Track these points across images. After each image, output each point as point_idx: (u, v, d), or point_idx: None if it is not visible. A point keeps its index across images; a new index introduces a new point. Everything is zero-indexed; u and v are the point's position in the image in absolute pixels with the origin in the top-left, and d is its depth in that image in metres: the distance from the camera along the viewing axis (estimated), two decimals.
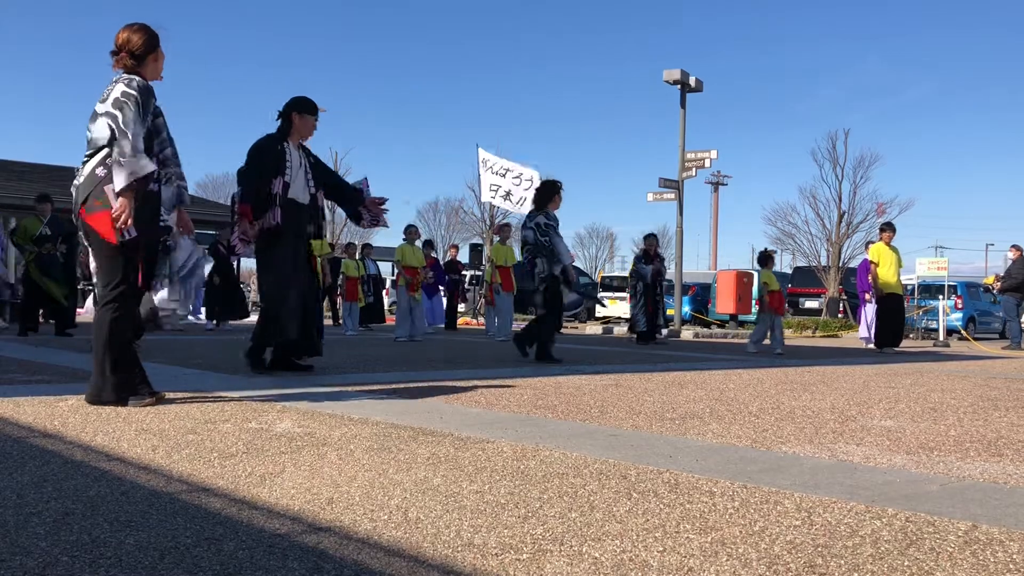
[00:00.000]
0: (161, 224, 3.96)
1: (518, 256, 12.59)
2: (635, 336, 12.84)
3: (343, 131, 77.28)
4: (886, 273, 11.61)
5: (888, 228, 11.98)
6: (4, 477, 2.42)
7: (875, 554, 1.86)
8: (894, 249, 11.81)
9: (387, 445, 3.07)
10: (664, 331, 14.87)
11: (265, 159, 5.58)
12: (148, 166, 3.77)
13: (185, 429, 3.32)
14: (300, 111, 5.70)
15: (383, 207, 5.98)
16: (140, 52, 3.95)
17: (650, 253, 12.99)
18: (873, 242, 13.49)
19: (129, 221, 3.76)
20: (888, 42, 77.26)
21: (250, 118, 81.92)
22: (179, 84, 79.01)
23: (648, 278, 12.61)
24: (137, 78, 3.90)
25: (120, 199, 3.73)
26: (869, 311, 12.64)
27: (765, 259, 11.47)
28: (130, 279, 3.88)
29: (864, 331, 12.91)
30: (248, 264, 15.53)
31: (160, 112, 4.04)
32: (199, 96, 79.98)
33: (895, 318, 11.77)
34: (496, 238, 14.26)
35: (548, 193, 8.05)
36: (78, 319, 11.58)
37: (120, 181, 3.71)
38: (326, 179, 5.96)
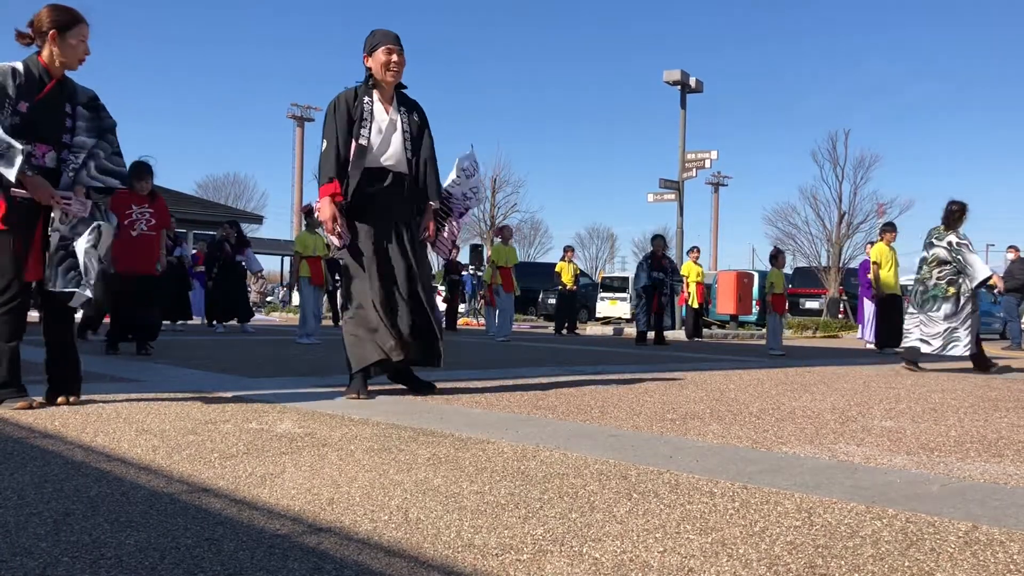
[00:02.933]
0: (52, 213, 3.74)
1: (519, 257, 12.60)
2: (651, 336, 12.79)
3: None
4: (887, 274, 11.61)
5: (890, 229, 11.94)
6: (5, 477, 2.42)
7: (876, 555, 1.86)
8: (894, 250, 11.80)
9: (388, 446, 3.07)
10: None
11: (336, 118, 4.52)
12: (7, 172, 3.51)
13: (185, 430, 3.32)
14: (369, 50, 4.57)
15: (450, 241, 4.93)
16: (43, 29, 3.73)
17: (657, 255, 12.90)
18: (874, 242, 13.48)
19: (53, 199, 3.64)
20: (890, 42, 77.32)
21: (251, 116, 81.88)
22: (180, 84, 79.05)
23: (645, 283, 12.58)
24: (15, 63, 3.68)
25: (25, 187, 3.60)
26: (869, 311, 12.64)
27: (774, 258, 11.35)
28: (14, 273, 3.66)
29: (867, 332, 12.90)
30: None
31: (83, 102, 3.86)
32: (199, 95, 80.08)
33: (895, 319, 11.76)
34: (497, 239, 14.22)
35: (960, 214, 8.13)
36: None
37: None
38: (420, 152, 4.71)
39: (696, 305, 15.22)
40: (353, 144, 4.51)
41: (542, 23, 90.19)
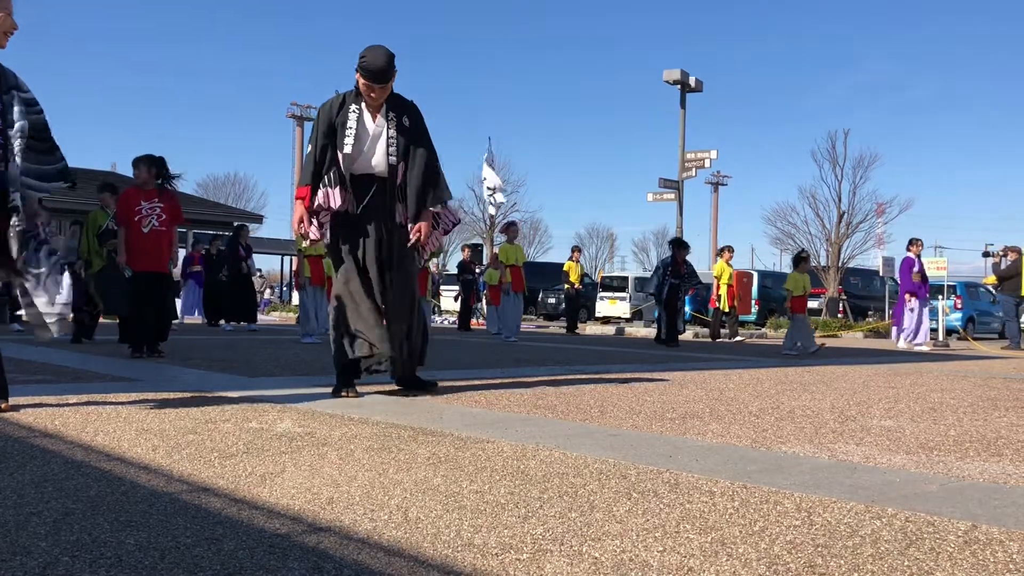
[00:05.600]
0: (10, 205, 3.49)
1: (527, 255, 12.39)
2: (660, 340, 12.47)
3: None
4: None
5: None
6: (5, 477, 2.42)
7: (875, 554, 1.86)
8: None
9: (387, 445, 3.08)
10: (738, 337, 14.57)
11: (319, 125, 4.58)
12: None
13: (185, 429, 3.32)
14: (357, 67, 4.51)
15: (426, 244, 4.74)
16: None
17: (678, 261, 12.42)
18: (915, 240, 13.07)
19: None
20: (890, 41, 77.36)
21: (251, 116, 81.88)
22: (179, 84, 79.04)
23: (654, 291, 12.28)
24: None
25: None
26: (913, 311, 12.41)
27: (798, 261, 10.94)
28: None
29: (904, 335, 12.62)
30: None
31: (13, 84, 3.58)
32: (200, 94, 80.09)
33: None
34: (503, 237, 13.95)
35: None
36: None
37: None
38: (409, 156, 4.61)
39: (727, 308, 14.70)
40: (339, 154, 4.53)
41: (542, 22, 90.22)
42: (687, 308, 21.78)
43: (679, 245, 12.73)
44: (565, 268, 16.41)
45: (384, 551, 1.81)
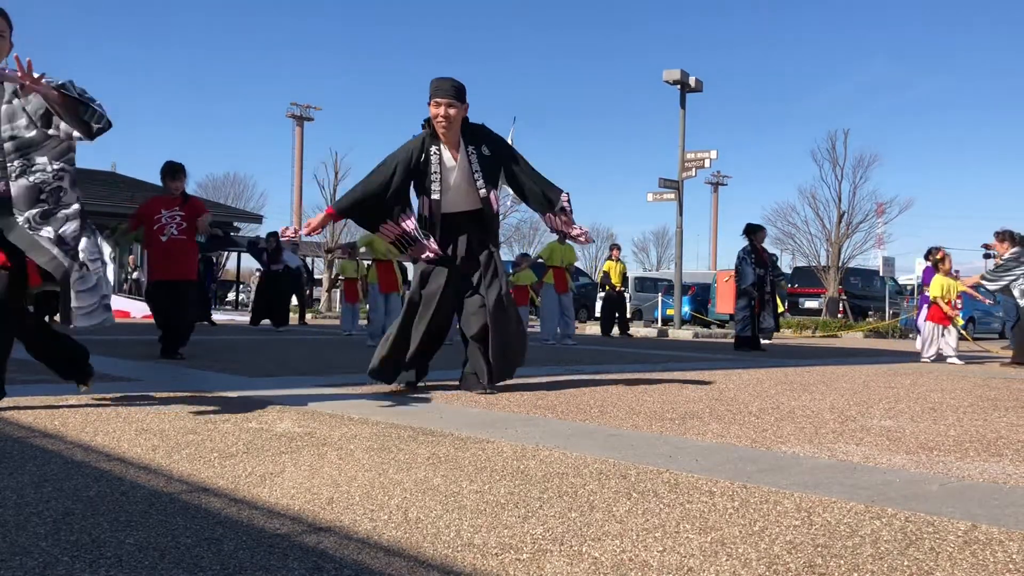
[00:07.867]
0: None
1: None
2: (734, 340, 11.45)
3: (344, 131, 77.24)
4: None
5: None
6: (4, 477, 2.42)
7: (875, 554, 1.86)
8: None
9: (387, 445, 3.08)
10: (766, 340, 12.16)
11: (397, 163, 4.61)
12: None
13: (185, 429, 3.32)
14: (429, 100, 4.62)
15: (575, 230, 4.92)
16: None
17: (758, 248, 11.23)
18: (938, 251, 12.62)
19: None
20: (890, 41, 77.38)
21: (251, 116, 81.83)
22: (179, 84, 79.04)
23: (753, 280, 10.96)
24: None
25: None
26: (929, 324, 11.86)
27: (939, 259, 9.63)
28: None
29: (926, 346, 12.07)
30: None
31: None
32: (200, 93, 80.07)
33: None
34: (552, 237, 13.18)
35: None
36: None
37: None
38: (511, 179, 4.81)
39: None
40: (427, 199, 4.69)
41: (541, 22, 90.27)
42: (686, 308, 21.73)
43: (753, 230, 11.31)
44: (605, 268, 15.61)
45: (384, 551, 1.81)
